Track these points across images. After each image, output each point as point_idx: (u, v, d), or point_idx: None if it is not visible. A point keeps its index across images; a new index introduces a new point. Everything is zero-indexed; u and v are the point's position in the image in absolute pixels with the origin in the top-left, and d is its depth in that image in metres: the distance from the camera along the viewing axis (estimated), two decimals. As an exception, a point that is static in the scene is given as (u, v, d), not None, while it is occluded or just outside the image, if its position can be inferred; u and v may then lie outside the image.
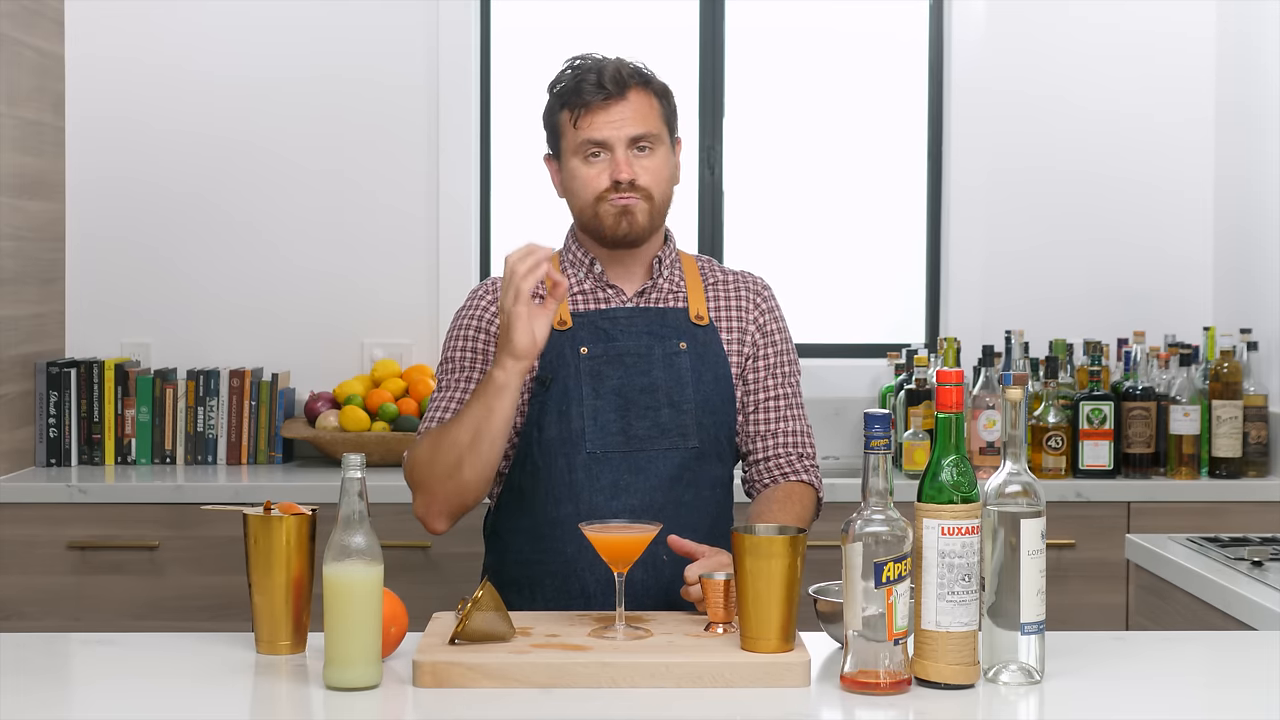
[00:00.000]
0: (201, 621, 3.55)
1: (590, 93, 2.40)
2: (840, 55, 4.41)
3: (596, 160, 2.42)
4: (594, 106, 2.40)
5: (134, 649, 2.13)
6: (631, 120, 2.40)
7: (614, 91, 2.40)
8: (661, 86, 2.47)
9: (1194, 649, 2.24)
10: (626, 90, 2.41)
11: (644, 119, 2.42)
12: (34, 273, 3.96)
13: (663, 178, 2.45)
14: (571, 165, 2.44)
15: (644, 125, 2.41)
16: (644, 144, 2.42)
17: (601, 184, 2.41)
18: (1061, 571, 3.64)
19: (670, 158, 2.47)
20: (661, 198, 2.45)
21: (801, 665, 1.90)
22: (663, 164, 2.44)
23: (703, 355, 2.48)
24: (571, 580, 2.40)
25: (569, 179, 2.46)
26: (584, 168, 2.42)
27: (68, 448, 3.95)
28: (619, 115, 2.40)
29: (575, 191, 2.45)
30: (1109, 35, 4.29)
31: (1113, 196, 4.29)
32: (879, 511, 1.86)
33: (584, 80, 2.41)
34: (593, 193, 2.42)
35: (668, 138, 2.47)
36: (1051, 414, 3.81)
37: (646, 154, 2.42)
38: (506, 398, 2.25)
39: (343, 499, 1.89)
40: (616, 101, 2.40)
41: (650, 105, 2.44)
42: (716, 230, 4.35)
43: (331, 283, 4.20)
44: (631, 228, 2.43)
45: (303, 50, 4.19)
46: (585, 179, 2.42)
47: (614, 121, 2.40)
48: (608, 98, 2.40)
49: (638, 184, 2.41)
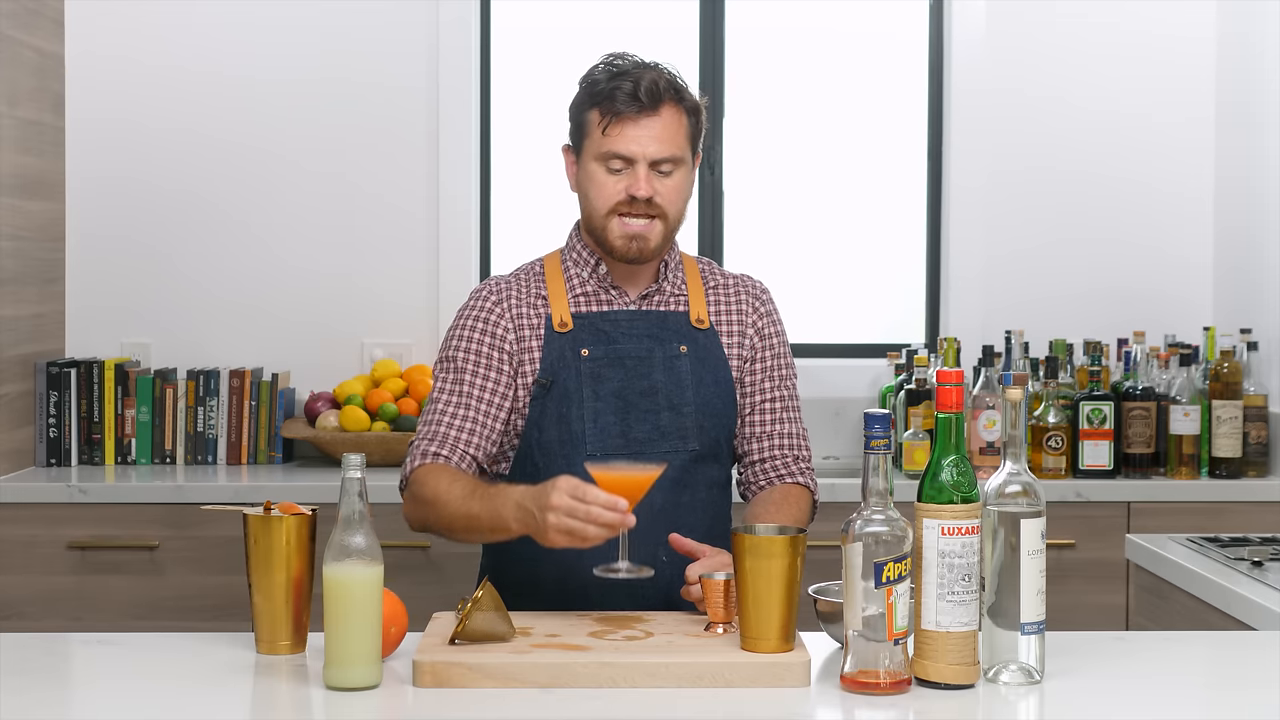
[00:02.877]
0: (201, 621, 3.55)
1: (623, 101, 2.39)
2: (840, 55, 4.41)
3: (616, 172, 2.41)
4: (624, 117, 2.39)
5: (134, 649, 2.13)
6: (659, 139, 2.39)
7: (647, 104, 2.39)
8: (693, 103, 2.46)
9: (1194, 649, 2.24)
10: (660, 105, 2.40)
11: (671, 139, 2.41)
12: (34, 273, 3.96)
13: (680, 199, 2.45)
14: (591, 168, 2.44)
15: (670, 147, 2.40)
16: (667, 166, 2.41)
17: (617, 196, 2.41)
18: (1061, 571, 3.64)
19: (689, 177, 2.47)
20: (675, 219, 2.46)
21: (801, 665, 1.90)
22: (681, 185, 2.44)
23: (703, 359, 2.48)
24: (571, 581, 2.40)
25: (586, 180, 2.45)
26: (603, 175, 2.42)
27: (68, 448, 3.95)
28: (648, 131, 2.39)
29: (590, 196, 2.45)
30: (1109, 35, 4.29)
31: (1113, 197, 4.29)
32: (879, 511, 1.86)
33: (619, 87, 2.39)
34: (607, 204, 2.42)
35: (690, 158, 2.46)
36: (1051, 414, 3.81)
37: (668, 176, 2.42)
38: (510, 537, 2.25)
39: (343, 499, 1.89)
40: (648, 115, 2.39)
41: (679, 124, 2.43)
42: (716, 231, 4.35)
43: (331, 283, 4.20)
44: (642, 253, 2.43)
45: (303, 50, 4.19)
46: (602, 187, 2.42)
47: (642, 137, 2.39)
48: (640, 110, 2.39)
49: (654, 202, 2.40)
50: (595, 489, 2.09)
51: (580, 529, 2.08)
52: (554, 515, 2.09)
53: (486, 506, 2.25)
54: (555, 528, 2.09)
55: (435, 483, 2.35)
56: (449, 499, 2.31)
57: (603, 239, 2.45)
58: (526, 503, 2.16)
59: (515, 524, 2.19)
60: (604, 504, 2.07)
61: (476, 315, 2.49)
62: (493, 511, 2.23)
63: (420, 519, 2.40)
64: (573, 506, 2.08)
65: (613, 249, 2.44)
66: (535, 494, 2.14)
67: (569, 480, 2.10)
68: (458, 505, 2.30)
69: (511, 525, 2.20)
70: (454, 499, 2.31)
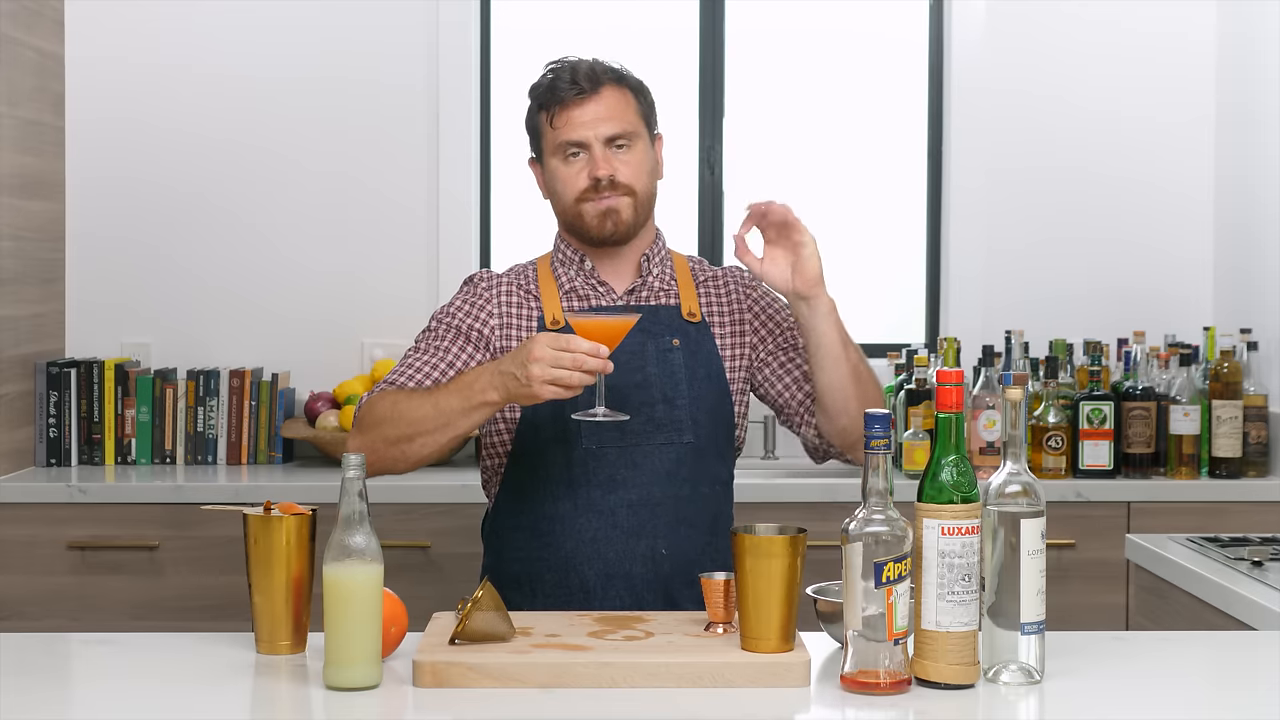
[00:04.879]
0: (201, 621, 3.55)
1: (564, 90, 2.42)
2: (840, 55, 4.42)
3: (575, 160, 2.43)
4: (569, 103, 2.41)
5: (134, 649, 2.13)
6: (606, 118, 2.42)
7: (587, 88, 2.42)
8: (636, 82, 2.49)
9: (1194, 649, 2.23)
10: (600, 86, 2.43)
11: (620, 116, 2.43)
12: (34, 273, 3.96)
13: (643, 172, 2.45)
14: (552, 166, 2.46)
15: (620, 123, 2.42)
16: (622, 141, 2.43)
17: (581, 183, 2.43)
18: (1061, 571, 3.64)
19: (649, 153, 2.48)
20: (644, 193, 2.46)
21: (801, 665, 1.90)
22: (642, 159, 2.45)
23: (696, 352, 2.48)
24: (571, 575, 2.41)
25: (550, 179, 2.48)
26: (563, 167, 2.44)
27: (68, 448, 3.95)
28: (594, 113, 2.41)
29: (557, 192, 2.47)
30: (1109, 35, 4.29)
31: (1113, 196, 4.29)
32: (879, 511, 1.86)
33: (558, 79, 2.43)
34: (573, 192, 2.44)
35: (646, 133, 2.47)
36: (1051, 414, 3.81)
37: (625, 150, 2.43)
38: (487, 414, 2.26)
39: (343, 499, 1.89)
40: (591, 98, 2.42)
41: (626, 101, 2.45)
42: (716, 230, 4.35)
43: (332, 283, 4.20)
44: (617, 227, 2.44)
45: (303, 50, 4.19)
46: (565, 178, 2.44)
47: (589, 120, 2.41)
48: (581, 94, 2.41)
49: (618, 180, 2.42)
50: (575, 337, 2.16)
51: (567, 377, 2.13)
52: (538, 367, 2.14)
53: (456, 392, 2.27)
54: (541, 379, 2.14)
55: (393, 398, 2.35)
56: (410, 403, 2.32)
57: (578, 227, 2.46)
58: (505, 366, 2.20)
59: (495, 392, 2.22)
60: (587, 351, 2.14)
61: (465, 296, 2.51)
62: (465, 392, 2.25)
63: (369, 445, 2.34)
64: (557, 356, 2.14)
65: (589, 231, 2.45)
66: (513, 355, 2.19)
67: (546, 334, 2.17)
68: (420, 404, 2.30)
69: (490, 395, 2.23)
70: (415, 401, 2.31)
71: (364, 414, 2.38)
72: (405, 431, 2.31)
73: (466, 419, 2.27)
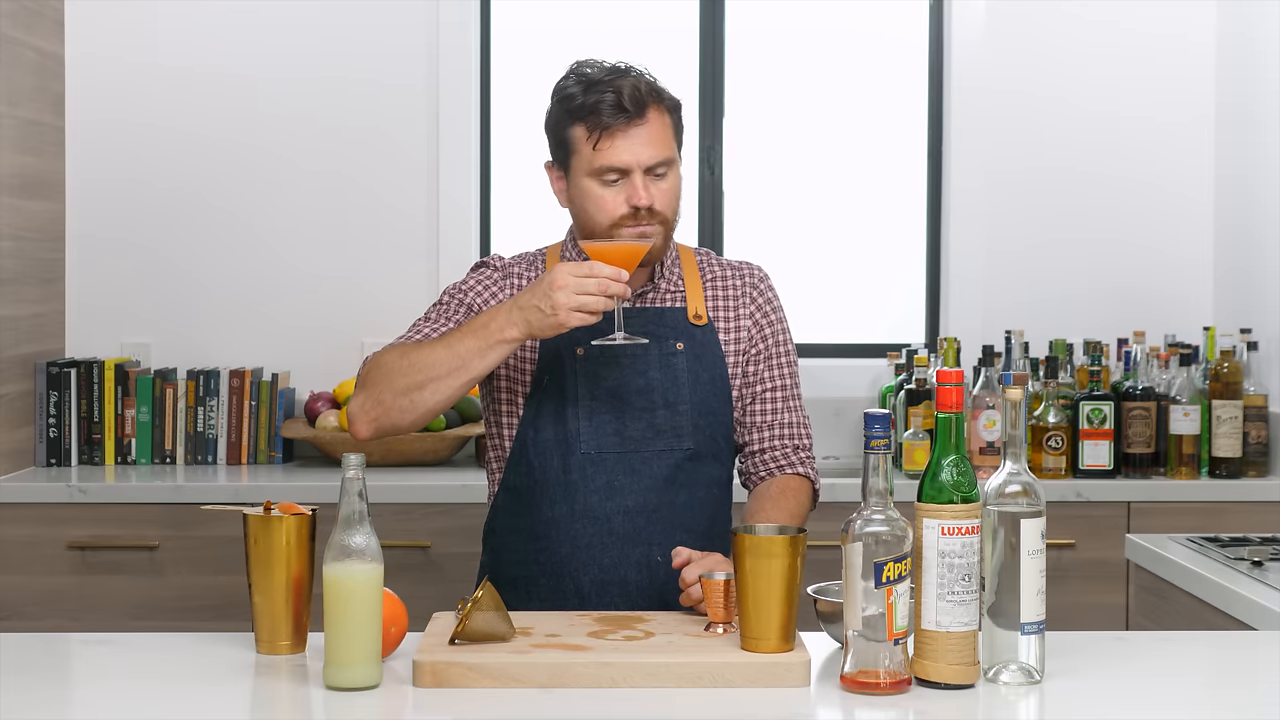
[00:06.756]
0: (201, 621, 3.55)
1: (609, 114, 2.36)
2: (840, 55, 4.41)
3: (613, 184, 2.38)
4: (613, 130, 2.36)
5: (134, 649, 2.13)
6: (650, 145, 2.37)
7: (634, 113, 2.36)
8: (674, 102, 2.45)
9: (1194, 649, 2.24)
10: (645, 110, 2.38)
11: (662, 142, 2.39)
12: (34, 273, 3.96)
13: (675, 200, 2.44)
14: (585, 184, 2.40)
15: (662, 150, 2.38)
16: (661, 169, 2.39)
17: (619, 210, 2.38)
18: (1061, 571, 3.64)
19: (679, 178, 2.45)
20: (675, 220, 2.45)
21: (801, 665, 1.90)
22: (676, 186, 2.43)
23: (700, 356, 2.47)
24: (565, 580, 2.41)
25: (581, 197, 2.41)
26: (600, 190, 2.38)
27: (68, 448, 3.95)
28: (639, 140, 2.37)
29: (589, 212, 2.40)
30: (1109, 35, 4.29)
31: (1113, 196, 4.29)
32: (879, 511, 1.86)
33: (602, 99, 2.36)
34: (609, 218, 2.38)
35: (678, 156, 2.45)
36: (1051, 414, 3.81)
37: (662, 179, 2.40)
38: (504, 353, 2.26)
39: (343, 499, 1.89)
40: (636, 124, 2.37)
41: (665, 125, 2.41)
42: (717, 230, 4.35)
43: (331, 283, 4.20)
44: (650, 256, 2.42)
45: (303, 51, 4.19)
46: (601, 202, 2.38)
47: (634, 147, 2.36)
48: (629, 120, 2.36)
49: (655, 209, 2.38)
50: (596, 263, 2.22)
51: (593, 302, 2.19)
52: (564, 294, 2.19)
53: (471, 333, 2.27)
54: (567, 306, 2.19)
55: (402, 349, 2.33)
56: (420, 350, 2.30)
57: None
58: (524, 301, 2.23)
59: (514, 328, 2.24)
60: (610, 275, 2.20)
61: (479, 278, 2.50)
62: (481, 333, 2.26)
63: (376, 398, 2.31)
64: (581, 282, 2.19)
65: None
66: (531, 289, 2.23)
67: (565, 264, 2.22)
68: (431, 349, 2.29)
69: (510, 331, 2.24)
70: (426, 348, 2.30)
71: (369, 369, 2.35)
72: (416, 379, 2.28)
73: (482, 359, 2.26)
